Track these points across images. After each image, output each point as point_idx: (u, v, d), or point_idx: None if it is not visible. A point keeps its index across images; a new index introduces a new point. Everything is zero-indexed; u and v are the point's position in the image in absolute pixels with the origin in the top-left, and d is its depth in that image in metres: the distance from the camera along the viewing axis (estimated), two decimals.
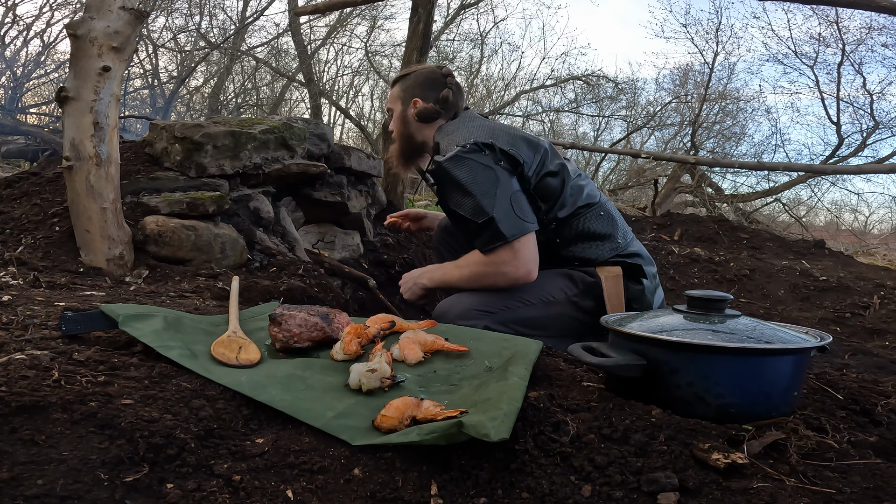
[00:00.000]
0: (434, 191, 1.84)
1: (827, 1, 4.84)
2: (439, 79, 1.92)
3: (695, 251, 4.13)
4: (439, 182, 1.70)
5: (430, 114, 1.88)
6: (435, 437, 0.85)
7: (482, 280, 1.68)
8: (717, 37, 12.02)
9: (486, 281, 1.68)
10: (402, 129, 1.94)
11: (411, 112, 1.90)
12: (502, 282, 1.66)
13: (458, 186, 1.65)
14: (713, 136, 12.15)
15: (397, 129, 1.96)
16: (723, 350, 1.00)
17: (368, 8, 12.27)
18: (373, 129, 13.63)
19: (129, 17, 1.86)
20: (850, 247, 7.57)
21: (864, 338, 2.86)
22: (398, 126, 1.95)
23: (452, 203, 1.68)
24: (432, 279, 1.83)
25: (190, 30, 12.10)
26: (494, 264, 1.65)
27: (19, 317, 1.20)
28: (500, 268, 1.64)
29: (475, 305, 1.67)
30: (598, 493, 0.81)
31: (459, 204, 1.66)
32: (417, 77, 1.94)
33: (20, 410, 0.83)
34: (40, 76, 10.92)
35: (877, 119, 9.59)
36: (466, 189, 1.63)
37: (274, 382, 1.06)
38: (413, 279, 1.88)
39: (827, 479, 0.85)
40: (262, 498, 0.79)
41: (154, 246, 1.97)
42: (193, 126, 2.27)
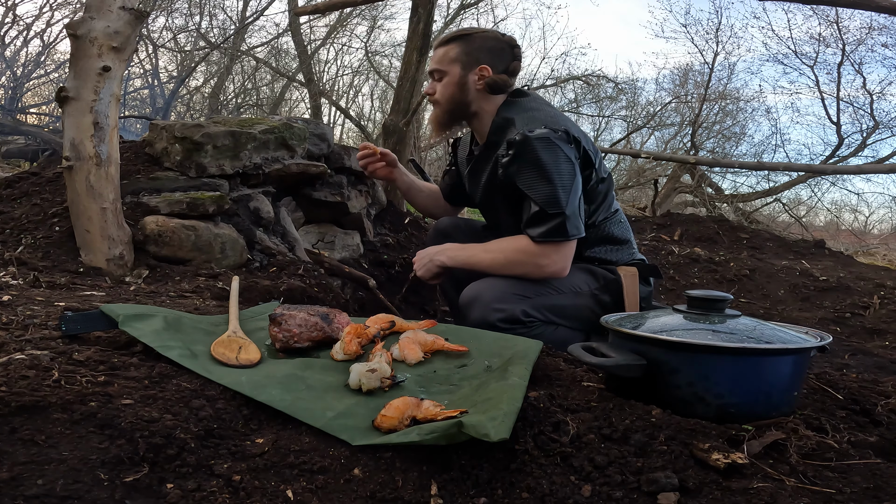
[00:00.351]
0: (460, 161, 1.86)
1: (827, 1, 4.84)
2: (506, 48, 1.78)
3: (695, 251, 4.13)
4: (518, 154, 1.59)
5: (500, 86, 1.75)
6: (435, 437, 0.85)
7: (516, 268, 1.63)
8: (717, 37, 12.02)
9: (520, 269, 1.63)
10: (457, 95, 1.75)
11: (474, 79, 1.74)
12: (535, 274, 1.63)
13: (540, 168, 1.56)
14: (713, 136, 12.16)
15: (449, 94, 1.76)
16: (723, 350, 1.00)
17: (368, 8, 12.27)
18: (373, 129, 13.62)
19: (129, 17, 1.86)
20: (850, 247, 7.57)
21: (864, 338, 2.86)
22: (452, 91, 1.76)
23: (523, 181, 1.59)
24: (454, 259, 1.75)
25: (190, 30, 12.11)
26: (538, 256, 1.61)
27: (19, 317, 1.20)
28: (540, 260, 1.61)
29: (513, 289, 1.61)
30: (598, 493, 0.81)
31: (532, 186, 1.58)
32: (485, 41, 1.76)
33: (20, 410, 0.83)
34: (40, 76, 10.92)
35: (877, 119, 9.60)
36: (548, 174, 1.56)
37: (274, 382, 1.06)
38: (429, 256, 1.78)
39: (827, 479, 0.85)
40: (262, 498, 0.79)
41: (154, 246, 1.97)
42: (193, 126, 2.27)
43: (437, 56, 1.79)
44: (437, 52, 1.80)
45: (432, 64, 1.81)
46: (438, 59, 1.79)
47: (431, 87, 1.82)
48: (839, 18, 9.35)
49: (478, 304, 1.58)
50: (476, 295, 1.61)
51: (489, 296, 1.59)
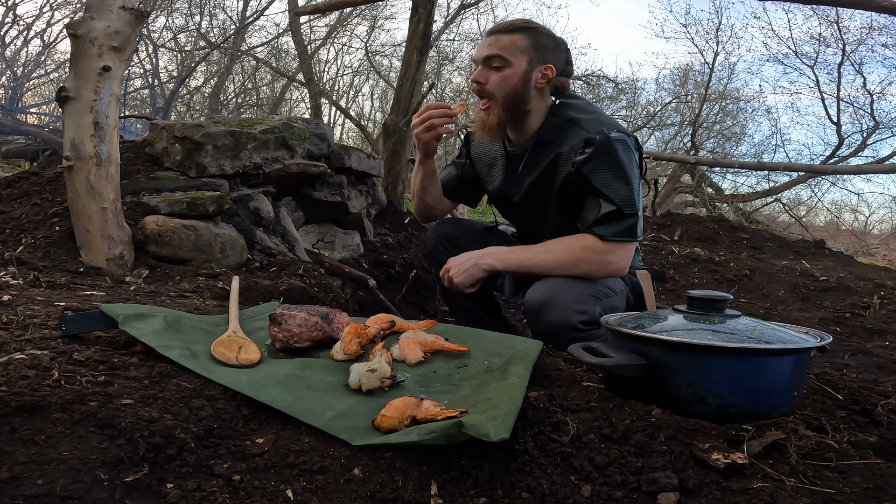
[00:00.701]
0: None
1: (827, 1, 4.84)
2: (563, 50, 1.71)
3: (695, 251, 4.13)
4: (598, 153, 1.56)
5: (561, 89, 1.70)
6: (435, 437, 0.85)
7: (582, 266, 1.59)
8: (718, 37, 12.05)
9: (585, 268, 1.59)
10: (519, 91, 1.64)
11: (538, 76, 1.64)
12: (600, 272, 1.60)
13: (620, 168, 1.55)
14: (713, 136, 12.17)
15: (511, 87, 1.64)
16: (723, 350, 1.00)
17: (368, 8, 12.27)
18: (373, 129, 13.63)
19: (129, 17, 1.86)
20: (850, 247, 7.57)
21: (864, 338, 2.86)
22: (515, 85, 1.63)
23: (600, 180, 1.56)
24: (506, 262, 1.66)
25: (190, 30, 12.10)
26: (606, 253, 1.58)
27: (19, 317, 1.20)
28: (608, 257, 1.58)
29: (586, 291, 1.58)
30: (598, 493, 0.81)
31: (609, 185, 1.55)
32: (550, 39, 1.68)
33: (20, 410, 0.83)
34: (40, 76, 10.92)
35: (877, 119, 9.60)
36: (627, 175, 1.56)
37: (274, 382, 1.06)
38: (472, 260, 1.66)
39: (827, 479, 0.85)
40: (262, 498, 0.79)
41: (154, 246, 1.97)
42: (193, 126, 2.27)
43: (503, 43, 1.63)
44: (502, 38, 1.63)
45: (492, 49, 1.63)
46: (504, 46, 1.62)
47: (483, 76, 1.65)
48: (839, 18, 9.36)
49: (557, 307, 1.52)
50: (552, 297, 1.54)
51: (567, 298, 1.54)
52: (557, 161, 1.64)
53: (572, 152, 1.61)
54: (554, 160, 1.65)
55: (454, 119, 1.72)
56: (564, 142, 1.64)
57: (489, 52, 1.64)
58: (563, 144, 1.64)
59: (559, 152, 1.64)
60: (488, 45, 1.64)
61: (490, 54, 1.63)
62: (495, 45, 1.64)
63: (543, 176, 1.69)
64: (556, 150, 1.65)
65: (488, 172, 1.90)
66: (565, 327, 1.50)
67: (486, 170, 1.91)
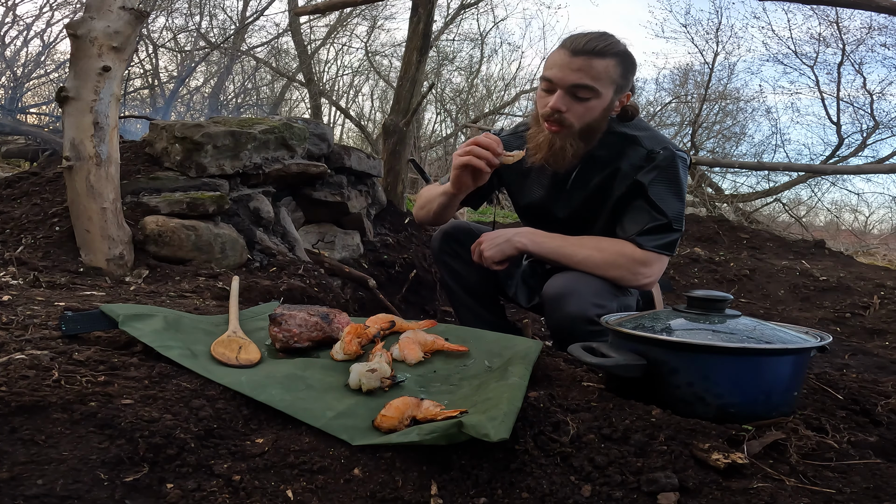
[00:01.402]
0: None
1: (827, 1, 4.84)
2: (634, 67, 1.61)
3: (695, 251, 4.13)
4: (661, 168, 1.55)
5: (632, 115, 1.63)
6: (435, 437, 0.85)
7: (612, 270, 1.57)
8: (717, 37, 12.03)
9: (615, 272, 1.57)
10: (599, 122, 1.57)
11: (617, 104, 1.58)
12: (629, 281, 1.58)
13: (677, 185, 1.56)
14: (713, 136, 12.17)
15: (592, 119, 1.55)
16: (723, 350, 1.00)
17: (368, 8, 12.27)
18: (373, 130, 13.63)
19: (129, 17, 1.86)
20: (850, 247, 7.57)
21: (864, 338, 2.86)
22: (596, 116, 1.55)
23: (656, 193, 1.55)
24: (540, 245, 1.62)
25: (190, 30, 12.11)
26: (641, 264, 1.57)
27: (19, 317, 1.20)
28: (642, 269, 1.57)
29: (606, 286, 1.57)
30: (598, 493, 0.81)
31: (664, 199, 1.55)
32: (632, 62, 1.58)
33: (20, 410, 0.83)
34: (40, 76, 10.92)
35: (877, 119, 9.61)
36: (681, 192, 1.57)
37: (274, 382, 1.06)
38: (506, 237, 1.62)
39: (827, 479, 0.85)
40: (262, 498, 0.79)
41: (154, 246, 1.97)
42: (193, 126, 2.27)
43: (596, 72, 1.50)
44: (595, 64, 1.49)
45: (582, 78, 1.50)
46: (596, 75, 1.50)
47: (565, 104, 1.52)
48: (839, 18, 9.37)
49: (576, 298, 1.51)
50: (573, 288, 1.54)
51: (588, 290, 1.53)
52: (615, 177, 1.62)
53: (633, 169, 1.59)
54: (610, 176, 1.63)
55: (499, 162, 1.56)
56: (623, 158, 1.61)
57: (579, 81, 1.50)
58: (622, 161, 1.61)
59: (618, 168, 1.61)
60: (578, 70, 1.49)
61: (579, 83, 1.50)
62: (586, 74, 1.50)
63: (598, 192, 1.66)
64: (613, 167, 1.62)
65: (521, 183, 1.81)
66: (582, 319, 1.49)
67: (517, 179, 1.82)
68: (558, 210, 1.75)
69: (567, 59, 1.51)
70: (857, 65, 9.72)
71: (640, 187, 1.57)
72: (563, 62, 1.52)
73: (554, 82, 1.53)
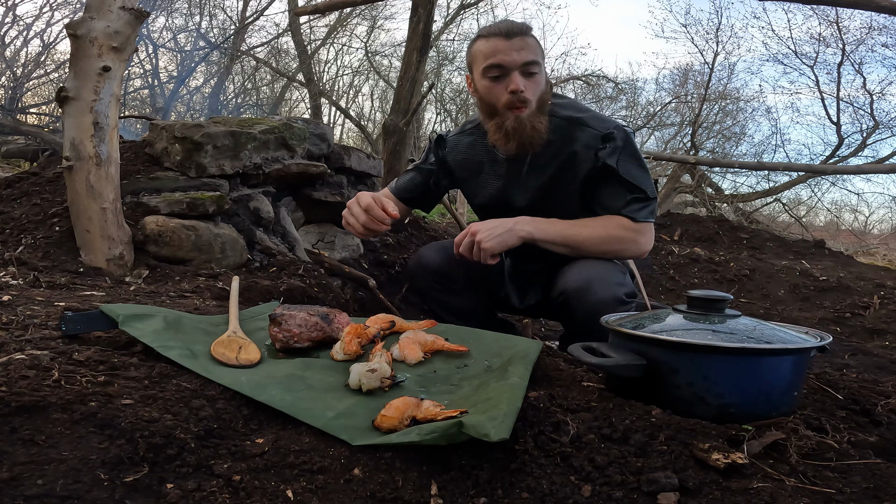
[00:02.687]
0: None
1: (827, 1, 4.84)
2: None
3: (695, 251, 4.13)
4: (620, 147, 1.62)
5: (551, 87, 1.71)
6: (435, 437, 0.85)
7: (616, 244, 1.63)
8: (717, 37, 12.04)
9: (619, 246, 1.63)
10: (546, 92, 1.65)
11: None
12: (632, 251, 1.65)
13: (638, 159, 1.64)
14: (713, 136, 12.17)
15: (542, 93, 1.64)
16: (723, 350, 1.00)
17: (368, 8, 12.27)
18: (373, 129, 13.63)
19: (129, 17, 1.86)
20: (850, 247, 7.58)
21: (864, 338, 2.86)
22: (544, 86, 1.64)
23: (625, 170, 1.62)
24: (543, 231, 1.61)
25: (190, 30, 12.11)
26: (639, 233, 1.64)
27: (19, 317, 1.20)
28: (640, 238, 1.64)
29: (617, 268, 1.65)
30: (598, 493, 0.81)
31: (632, 173, 1.63)
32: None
33: (20, 410, 0.83)
34: (40, 76, 10.92)
35: (877, 119, 9.61)
36: (643, 164, 1.65)
37: (274, 382, 1.06)
38: (505, 227, 1.59)
39: (827, 479, 0.85)
40: (262, 498, 0.79)
41: (154, 246, 1.97)
42: (193, 126, 2.27)
43: (533, 46, 1.60)
44: (529, 41, 1.60)
45: (527, 55, 1.58)
46: (535, 49, 1.60)
47: (522, 83, 1.58)
48: (839, 18, 9.37)
49: (601, 284, 1.56)
50: (594, 276, 1.58)
51: (608, 274, 1.59)
52: (573, 161, 1.66)
53: (586, 150, 1.64)
54: (568, 161, 1.66)
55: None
56: (574, 141, 1.65)
57: (528, 58, 1.58)
58: (574, 144, 1.65)
59: (573, 151, 1.65)
60: (522, 49, 1.58)
61: (528, 60, 1.58)
62: (529, 51, 1.58)
63: (556, 177, 1.69)
64: (568, 151, 1.66)
65: (474, 180, 1.83)
66: (613, 301, 1.54)
67: (470, 177, 1.83)
68: (517, 199, 1.76)
69: (507, 43, 1.58)
70: (857, 65, 9.73)
71: (608, 169, 1.63)
72: (505, 47, 1.58)
73: (506, 66, 1.58)
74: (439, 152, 1.88)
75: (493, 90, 1.62)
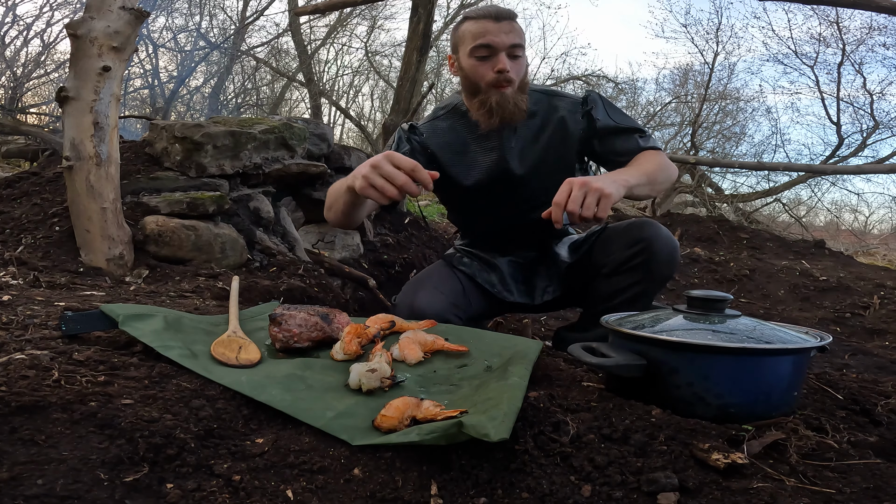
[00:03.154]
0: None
1: (827, 1, 4.84)
2: None
3: (695, 251, 4.13)
4: (601, 104, 1.77)
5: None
6: (435, 437, 0.85)
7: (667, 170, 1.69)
8: (717, 37, 12.03)
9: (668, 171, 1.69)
10: (526, 74, 1.74)
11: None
12: (672, 173, 1.72)
13: (617, 108, 1.80)
14: (713, 136, 12.15)
15: (523, 72, 1.71)
16: (723, 350, 1.00)
17: (368, 8, 12.27)
18: (373, 129, 13.63)
19: (129, 17, 1.86)
20: (850, 247, 7.58)
21: (864, 338, 2.86)
22: (525, 68, 1.73)
23: (619, 118, 1.76)
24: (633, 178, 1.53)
25: (190, 30, 12.11)
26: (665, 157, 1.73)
27: (19, 317, 1.20)
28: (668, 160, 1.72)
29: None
30: (598, 493, 0.81)
31: (625, 118, 1.77)
32: None
33: (20, 410, 0.83)
34: (40, 76, 10.91)
35: (877, 119, 9.60)
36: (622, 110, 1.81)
37: (274, 382, 1.06)
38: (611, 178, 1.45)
39: (827, 479, 0.85)
40: (262, 498, 0.79)
41: (154, 246, 1.97)
42: (193, 126, 2.27)
43: (518, 30, 1.68)
44: (515, 25, 1.68)
45: (513, 38, 1.66)
46: (520, 34, 1.68)
47: (506, 64, 1.65)
48: (839, 18, 9.36)
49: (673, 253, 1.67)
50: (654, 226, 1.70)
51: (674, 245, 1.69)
52: (564, 124, 1.77)
53: (572, 114, 1.77)
54: (559, 124, 1.77)
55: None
56: (558, 109, 1.78)
57: (515, 41, 1.65)
58: (558, 112, 1.78)
59: (561, 117, 1.77)
60: (510, 32, 1.65)
61: (515, 43, 1.65)
62: (516, 35, 1.66)
63: (552, 141, 1.77)
64: (556, 117, 1.77)
65: (461, 161, 1.79)
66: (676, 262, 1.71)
67: (455, 158, 1.79)
68: (515, 167, 1.79)
69: (496, 26, 1.65)
70: (857, 65, 9.72)
71: (603, 124, 1.76)
72: (494, 28, 1.65)
73: (494, 47, 1.64)
74: (413, 139, 1.81)
75: (478, 69, 1.67)
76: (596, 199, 1.35)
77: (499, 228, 1.89)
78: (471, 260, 1.91)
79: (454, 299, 1.76)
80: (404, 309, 1.70)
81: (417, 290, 1.77)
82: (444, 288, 1.78)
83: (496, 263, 1.90)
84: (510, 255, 1.92)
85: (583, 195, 1.35)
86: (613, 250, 1.72)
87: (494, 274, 1.89)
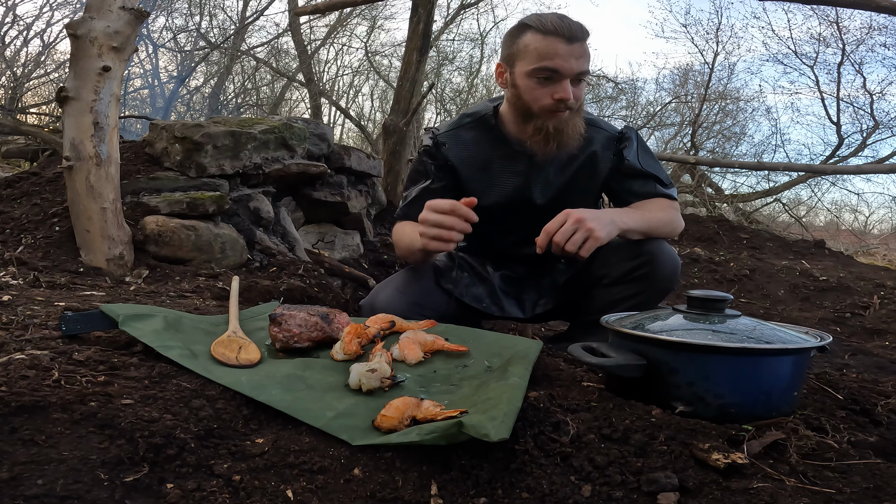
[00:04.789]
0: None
1: (827, 1, 4.84)
2: None
3: (695, 251, 4.13)
4: (636, 145, 1.74)
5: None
6: (435, 437, 0.85)
7: (674, 222, 1.71)
8: (717, 37, 12.01)
9: (674, 224, 1.71)
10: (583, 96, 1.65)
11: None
12: (678, 226, 1.75)
13: (650, 152, 1.77)
14: (713, 136, 12.14)
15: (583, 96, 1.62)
16: (723, 350, 1.00)
17: (368, 8, 12.27)
18: (373, 130, 13.63)
19: (129, 17, 1.86)
20: (850, 247, 7.58)
21: (864, 338, 2.86)
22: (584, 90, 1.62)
23: (646, 163, 1.73)
24: (633, 222, 1.58)
25: (190, 30, 12.11)
26: (677, 210, 1.75)
27: (19, 317, 1.20)
28: (678, 214, 1.76)
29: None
30: (598, 493, 0.81)
31: (653, 166, 1.75)
32: None
33: (20, 410, 0.83)
34: (40, 76, 10.91)
35: (877, 119, 9.59)
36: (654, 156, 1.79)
37: (274, 382, 1.06)
38: (608, 218, 1.48)
39: (827, 479, 0.85)
40: (262, 498, 0.79)
41: (154, 246, 1.97)
42: (193, 126, 2.27)
43: (587, 53, 1.54)
44: (586, 48, 1.53)
45: (583, 64, 1.53)
46: (588, 58, 1.55)
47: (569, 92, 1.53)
48: (839, 18, 9.35)
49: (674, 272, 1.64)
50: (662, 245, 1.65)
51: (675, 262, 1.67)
52: (595, 159, 1.72)
53: (606, 150, 1.73)
54: (589, 160, 1.72)
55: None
56: (593, 142, 1.71)
57: (583, 68, 1.53)
58: (593, 145, 1.71)
59: (593, 151, 1.72)
60: (580, 57, 1.53)
61: (583, 70, 1.53)
62: (586, 60, 1.54)
63: (579, 175, 1.73)
64: (588, 150, 1.71)
65: (482, 178, 1.71)
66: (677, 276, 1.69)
67: (476, 174, 1.72)
68: (537, 196, 1.72)
69: (567, 48, 1.50)
70: (857, 65, 9.70)
71: (633, 166, 1.73)
72: (565, 51, 1.50)
73: (561, 72, 1.51)
74: (437, 162, 1.74)
75: (536, 92, 1.55)
76: (584, 237, 1.39)
77: (502, 247, 1.82)
78: (459, 273, 1.76)
79: (417, 298, 1.66)
80: (367, 309, 1.66)
81: (380, 291, 1.71)
82: (405, 289, 1.68)
83: (487, 276, 1.81)
84: (504, 269, 1.84)
85: (573, 230, 1.40)
86: (616, 261, 1.64)
87: (484, 287, 1.78)
